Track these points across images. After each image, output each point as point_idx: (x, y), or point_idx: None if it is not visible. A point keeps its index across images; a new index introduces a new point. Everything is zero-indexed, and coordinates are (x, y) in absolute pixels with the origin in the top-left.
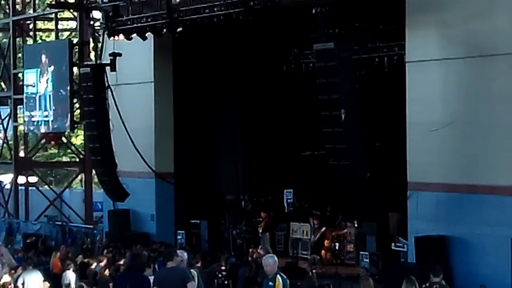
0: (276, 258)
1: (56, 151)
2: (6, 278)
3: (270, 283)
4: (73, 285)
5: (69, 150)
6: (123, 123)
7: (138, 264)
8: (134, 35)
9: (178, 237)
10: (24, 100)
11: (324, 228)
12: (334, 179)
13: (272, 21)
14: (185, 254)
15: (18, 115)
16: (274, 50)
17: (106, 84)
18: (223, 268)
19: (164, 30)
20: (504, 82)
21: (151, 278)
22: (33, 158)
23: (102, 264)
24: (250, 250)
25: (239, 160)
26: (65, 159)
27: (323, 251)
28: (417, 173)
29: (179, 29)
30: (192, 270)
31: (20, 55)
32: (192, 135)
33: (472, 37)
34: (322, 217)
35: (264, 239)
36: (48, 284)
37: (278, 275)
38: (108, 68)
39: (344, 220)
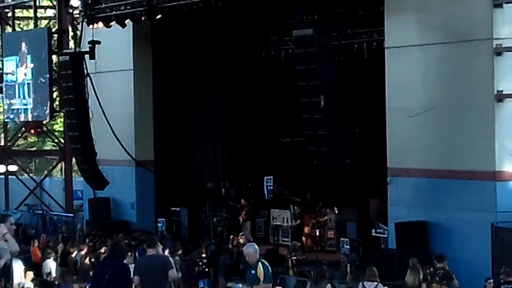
0: (256, 246)
1: (36, 139)
2: None
3: (253, 271)
4: (54, 273)
5: (48, 139)
6: (102, 111)
7: (118, 252)
8: (113, 22)
9: (159, 224)
10: (4, 88)
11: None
12: (313, 166)
13: (251, 7)
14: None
15: None
16: (253, 36)
17: (85, 72)
18: (203, 255)
19: (143, 18)
20: (483, 67)
21: (132, 266)
22: (12, 147)
23: (82, 252)
24: (231, 237)
25: (219, 148)
26: (45, 147)
27: (303, 238)
28: (396, 159)
29: (158, 17)
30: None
31: None
32: (171, 122)
33: (451, 22)
34: (302, 204)
35: (245, 227)
36: (32, 274)
37: (259, 263)
38: (87, 56)
39: (324, 207)
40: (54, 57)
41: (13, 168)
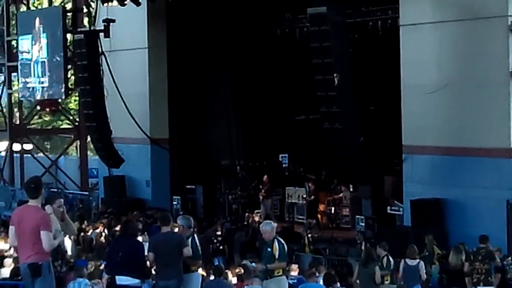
0: (273, 224)
1: (51, 118)
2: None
3: (269, 249)
4: (69, 252)
5: (64, 117)
6: (117, 89)
7: (130, 230)
8: (128, 1)
9: (174, 202)
10: (19, 67)
11: (318, 192)
12: (328, 143)
13: None
14: (189, 219)
15: (13, 82)
16: (268, 14)
17: (100, 51)
18: (218, 233)
19: None
20: (498, 44)
21: (146, 244)
22: (28, 125)
23: (98, 230)
24: (246, 214)
25: (233, 125)
26: (60, 126)
27: (318, 215)
28: (412, 136)
29: None
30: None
31: (13, 22)
32: (186, 100)
33: None
34: (316, 181)
35: (266, 205)
36: None
37: (275, 240)
38: (102, 35)
39: (339, 184)
40: (69, 36)
41: (28, 146)
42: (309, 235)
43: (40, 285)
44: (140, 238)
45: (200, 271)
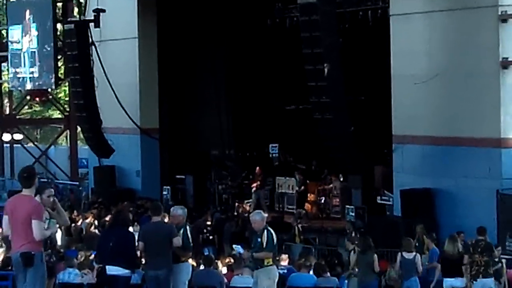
0: (264, 214)
1: (41, 108)
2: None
3: (259, 239)
4: (59, 242)
5: (54, 107)
6: (107, 79)
7: (121, 220)
8: None
9: (164, 192)
10: (9, 57)
11: (307, 182)
12: (318, 133)
13: None
14: (185, 210)
15: (3, 72)
16: (258, 4)
17: (90, 41)
18: (208, 223)
19: None
20: (488, 34)
21: (136, 234)
22: (18, 115)
23: (87, 221)
24: (236, 204)
25: (224, 115)
26: (50, 116)
27: (309, 205)
28: (402, 126)
29: None
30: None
31: (3, 12)
32: (176, 90)
33: None
34: (306, 171)
35: (260, 195)
36: None
37: (265, 230)
38: (92, 25)
39: (330, 174)
40: (59, 26)
41: (18, 136)
42: (299, 225)
43: (32, 275)
44: (130, 229)
45: (190, 261)
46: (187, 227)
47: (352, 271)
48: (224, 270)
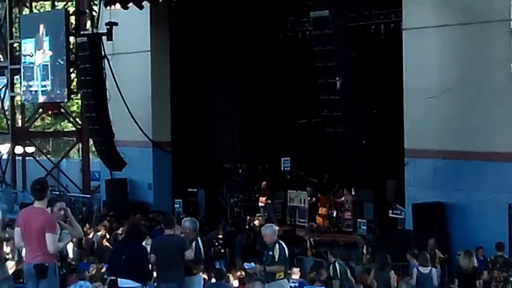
0: (275, 228)
1: (53, 120)
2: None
3: (270, 253)
4: (70, 255)
5: (66, 120)
6: (120, 92)
7: (136, 233)
8: (131, 4)
9: (176, 205)
10: (22, 70)
11: (319, 195)
12: (330, 147)
13: None
14: (194, 223)
15: (15, 85)
16: (271, 18)
17: (103, 54)
18: (220, 236)
19: None
20: (500, 48)
21: (148, 248)
22: (30, 128)
23: (99, 233)
24: (248, 218)
25: (236, 129)
26: (62, 129)
27: (320, 219)
28: (414, 140)
29: None
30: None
31: (16, 25)
32: (189, 104)
33: (468, 3)
34: (319, 185)
35: (268, 210)
36: None
37: (277, 244)
38: (104, 38)
39: (341, 188)
40: (72, 39)
41: (30, 149)
42: (311, 239)
43: (45, 287)
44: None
45: (202, 274)
46: (199, 240)
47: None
48: (235, 283)
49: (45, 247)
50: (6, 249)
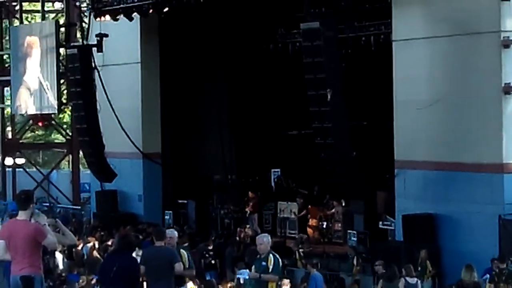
0: (269, 237)
1: (44, 132)
2: None
3: (263, 263)
4: (60, 266)
5: (56, 132)
6: (110, 104)
7: (126, 245)
8: (121, 16)
9: (166, 217)
10: (12, 81)
11: (309, 207)
12: (320, 158)
13: (259, 0)
14: (175, 232)
15: (5, 97)
16: (260, 29)
17: (93, 65)
18: (209, 247)
19: (151, 11)
20: (490, 60)
21: (138, 258)
22: (20, 139)
23: (89, 245)
24: (238, 229)
25: (226, 140)
26: (52, 140)
27: (311, 230)
28: (404, 151)
29: (165, 9)
30: (181, 250)
31: (6, 36)
32: (179, 115)
33: (458, 15)
34: (309, 196)
35: (252, 220)
36: None
37: (270, 254)
38: (95, 49)
39: (332, 199)
40: (62, 50)
41: (20, 160)
42: (301, 250)
43: None
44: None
45: (192, 284)
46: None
47: None
48: None
49: (31, 258)
50: None
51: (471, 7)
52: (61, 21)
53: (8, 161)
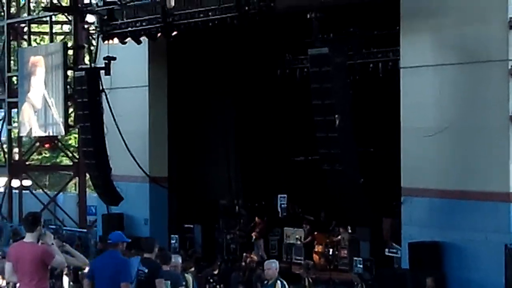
0: (277, 263)
1: (50, 154)
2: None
3: None
4: None
5: (63, 154)
6: (117, 127)
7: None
8: (129, 39)
9: (172, 241)
10: (19, 103)
11: (315, 233)
12: (327, 185)
13: (266, 25)
14: (179, 259)
15: (13, 118)
16: (268, 54)
17: (101, 88)
18: (215, 272)
19: (159, 34)
20: (498, 88)
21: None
22: (27, 161)
23: None
24: (244, 255)
25: (233, 165)
26: (59, 163)
27: (316, 257)
28: (411, 178)
29: (173, 33)
30: (186, 275)
31: (14, 58)
32: (186, 139)
33: (466, 43)
34: (315, 222)
35: (258, 245)
36: None
37: (278, 281)
38: (102, 72)
39: (338, 226)
40: (70, 73)
41: (27, 182)
42: (309, 277)
43: None
44: None
45: None
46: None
47: None
48: None
49: (38, 281)
50: (2, 282)
51: (480, 35)
52: (69, 43)
53: (15, 183)
